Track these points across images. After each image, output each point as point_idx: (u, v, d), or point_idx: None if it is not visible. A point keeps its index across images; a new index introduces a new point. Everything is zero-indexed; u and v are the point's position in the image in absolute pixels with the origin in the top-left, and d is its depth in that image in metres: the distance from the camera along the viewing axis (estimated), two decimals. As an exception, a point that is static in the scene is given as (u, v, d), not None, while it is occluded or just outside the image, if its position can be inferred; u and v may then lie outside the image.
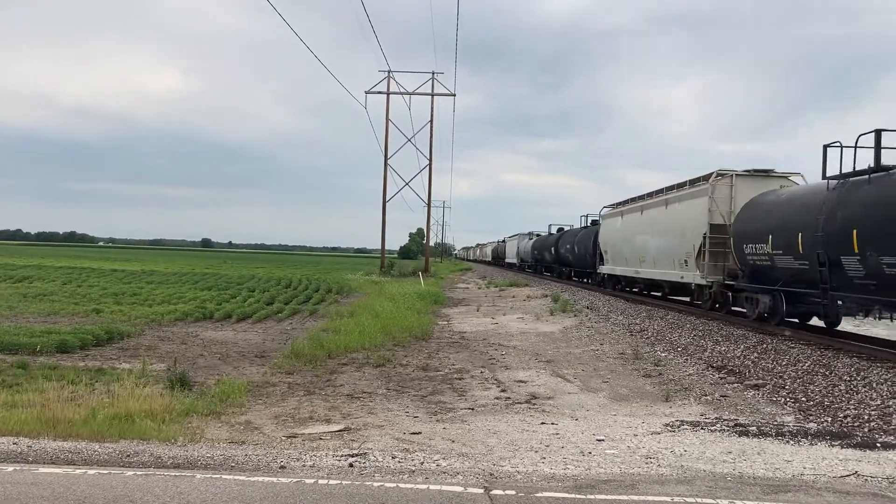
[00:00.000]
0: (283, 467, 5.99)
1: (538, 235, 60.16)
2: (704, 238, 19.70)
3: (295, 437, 7.62)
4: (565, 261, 43.76)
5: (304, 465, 6.05)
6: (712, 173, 19.91)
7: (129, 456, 6.24)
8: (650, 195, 26.11)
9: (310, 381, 11.08)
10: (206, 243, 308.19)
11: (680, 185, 22.81)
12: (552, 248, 47.18)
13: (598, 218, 36.08)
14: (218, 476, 5.64)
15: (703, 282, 20.02)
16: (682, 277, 21.66)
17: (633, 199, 28.26)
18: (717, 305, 20.21)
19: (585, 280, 40.19)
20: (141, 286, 31.46)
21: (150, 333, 16.64)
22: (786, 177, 19.22)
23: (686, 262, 21.08)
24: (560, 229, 50.15)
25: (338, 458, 6.32)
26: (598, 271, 33.31)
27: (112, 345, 14.57)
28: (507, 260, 78.14)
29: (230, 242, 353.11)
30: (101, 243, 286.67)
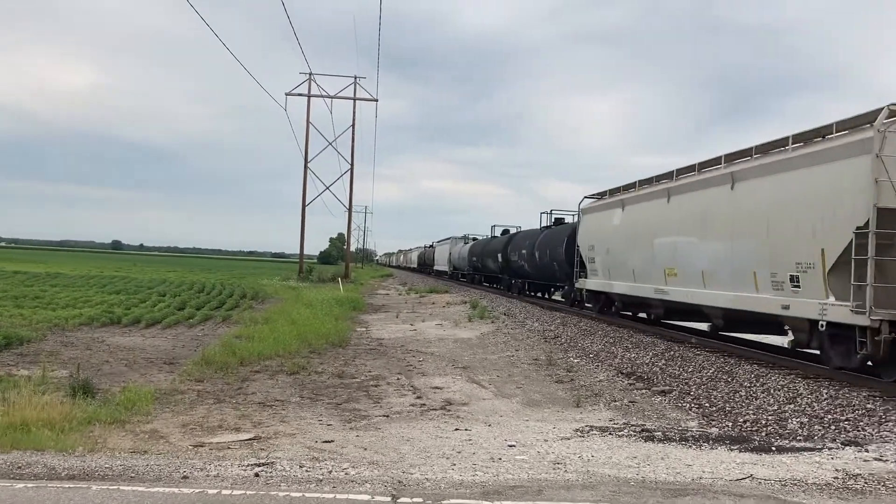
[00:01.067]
0: (185, 477, 5.83)
1: (475, 239, 53.02)
2: (857, 236, 10.55)
3: (202, 445, 7.43)
4: (519, 271, 34.52)
5: (207, 475, 5.90)
6: (881, 109, 10.59)
7: (20, 467, 5.95)
8: (684, 172, 16.88)
9: (220, 388, 10.83)
10: (116, 245, 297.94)
11: (776, 143, 13.26)
12: (499, 255, 38.41)
13: (571, 214, 29.19)
14: (115, 487, 5.44)
15: (859, 320, 10.42)
16: (785, 308, 12.29)
17: (641, 183, 19.19)
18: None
19: (547, 297, 33.35)
20: (44, 289, 30.14)
21: (53, 339, 15.95)
22: None
23: (795, 279, 11.99)
24: (506, 231, 43.44)
25: (244, 467, 6.19)
26: (577, 286, 24.18)
27: (10, 350, 13.88)
28: (436, 267, 69.90)
29: (141, 245, 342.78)
30: (2, 243, 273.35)
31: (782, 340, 15.12)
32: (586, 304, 24.59)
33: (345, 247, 75.12)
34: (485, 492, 5.62)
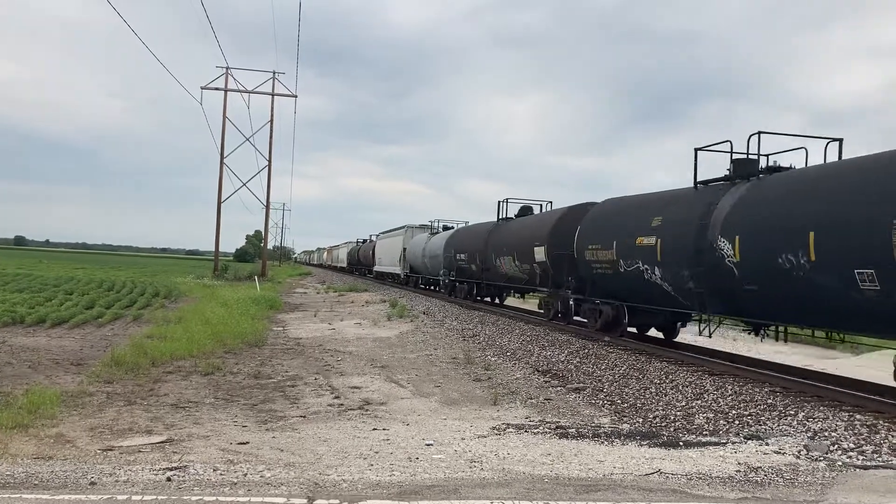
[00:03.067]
0: (93, 483, 5.65)
1: (454, 227, 35.82)
2: None
3: (111, 450, 7.21)
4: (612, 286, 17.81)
5: (117, 481, 5.73)
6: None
7: (-87, 477, 5.65)
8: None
9: (131, 390, 10.51)
10: (20, 241, 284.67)
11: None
12: (521, 253, 22.30)
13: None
14: (18, 495, 5.23)
15: None
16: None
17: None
18: None
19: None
20: (-60, 287, 28.54)
21: (-51, 340, 15.13)
22: None
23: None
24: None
25: (155, 471, 6.04)
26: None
27: None
28: (378, 268, 53.14)
29: (47, 241, 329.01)
30: None
31: (692, 338, 15.82)
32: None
33: (262, 244, 73.76)
34: (401, 492, 5.65)
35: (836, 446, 7.70)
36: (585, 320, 18.29)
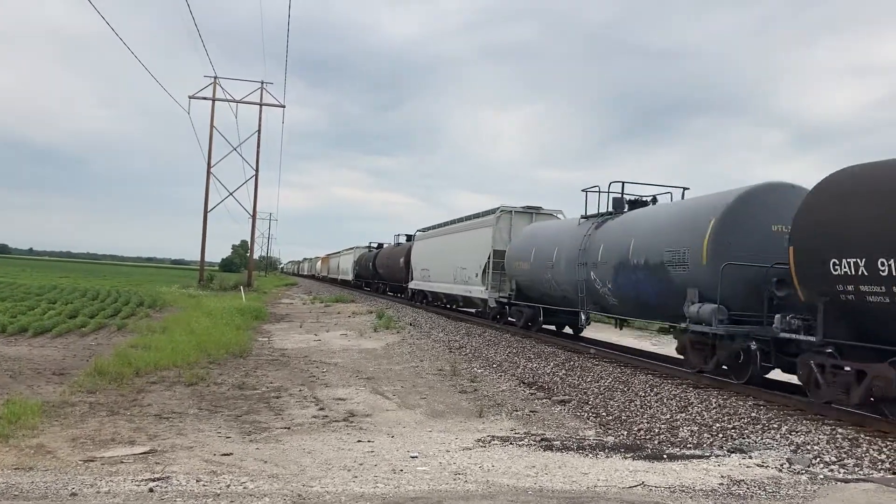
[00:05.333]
0: (74, 494, 5.60)
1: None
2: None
3: (93, 460, 7.15)
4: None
5: (98, 492, 5.68)
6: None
7: None
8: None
9: (114, 400, 10.43)
10: (3, 249, 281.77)
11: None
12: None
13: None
14: (-2, 507, 5.18)
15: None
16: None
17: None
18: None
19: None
20: (-79, 295, 28.23)
21: (-71, 349, 14.96)
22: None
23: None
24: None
25: (137, 482, 6.00)
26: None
27: None
28: (421, 284, 33.93)
29: (31, 249, 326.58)
30: None
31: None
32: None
33: (248, 254, 73.48)
34: (385, 503, 5.63)
35: (819, 459, 7.76)
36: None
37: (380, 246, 51.67)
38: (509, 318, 22.80)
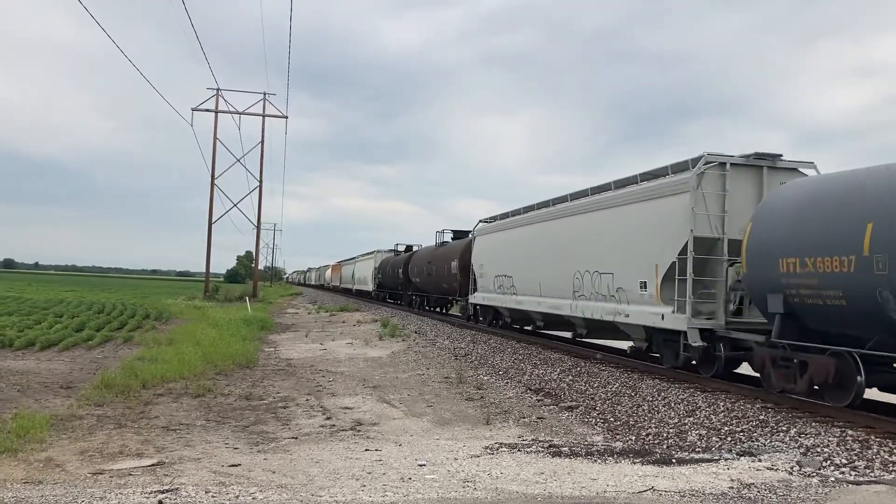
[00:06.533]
0: (84, 508, 5.60)
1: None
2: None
3: (101, 473, 7.16)
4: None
5: (108, 505, 5.68)
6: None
7: None
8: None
9: (121, 412, 10.44)
10: (9, 264, 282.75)
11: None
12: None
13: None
14: (8, 521, 5.19)
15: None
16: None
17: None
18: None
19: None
20: (-72, 311, 28.31)
21: (-63, 364, 14.99)
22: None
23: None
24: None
25: (146, 494, 6.00)
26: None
27: None
28: (475, 298, 25.47)
29: (36, 264, 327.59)
30: None
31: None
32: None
33: (253, 265, 73.53)
34: (395, 512, 5.62)
35: (829, 462, 7.72)
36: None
37: (409, 248, 43.69)
38: (766, 375, 11.14)
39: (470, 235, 27.44)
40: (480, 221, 25.89)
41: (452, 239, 32.51)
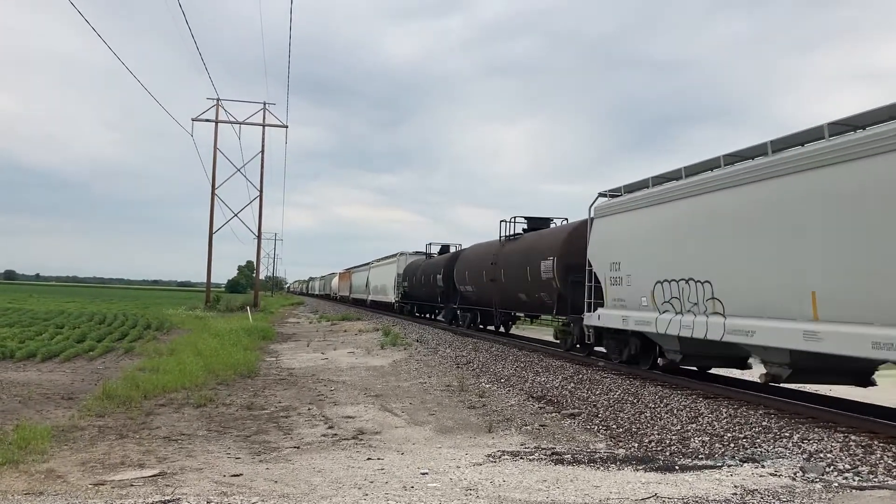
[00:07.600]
0: (86, 519, 5.58)
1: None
2: None
3: (103, 484, 7.14)
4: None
5: (109, 515, 5.67)
6: None
7: None
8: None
9: (123, 423, 10.43)
10: (10, 275, 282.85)
11: None
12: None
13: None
14: (10, 532, 5.17)
15: None
16: None
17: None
18: None
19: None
20: (-71, 323, 28.30)
21: (-62, 376, 14.98)
22: None
23: None
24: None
25: (148, 505, 5.98)
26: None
27: None
28: (599, 319, 15.65)
29: (37, 275, 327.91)
30: None
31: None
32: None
33: (254, 275, 73.49)
34: (398, 521, 5.60)
35: (832, 468, 7.69)
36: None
37: (445, 249, 35.20)
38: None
39: (590, 213, 16.57)
40: (599, 195, 16.41)
41: (526, 230, 23.09)
